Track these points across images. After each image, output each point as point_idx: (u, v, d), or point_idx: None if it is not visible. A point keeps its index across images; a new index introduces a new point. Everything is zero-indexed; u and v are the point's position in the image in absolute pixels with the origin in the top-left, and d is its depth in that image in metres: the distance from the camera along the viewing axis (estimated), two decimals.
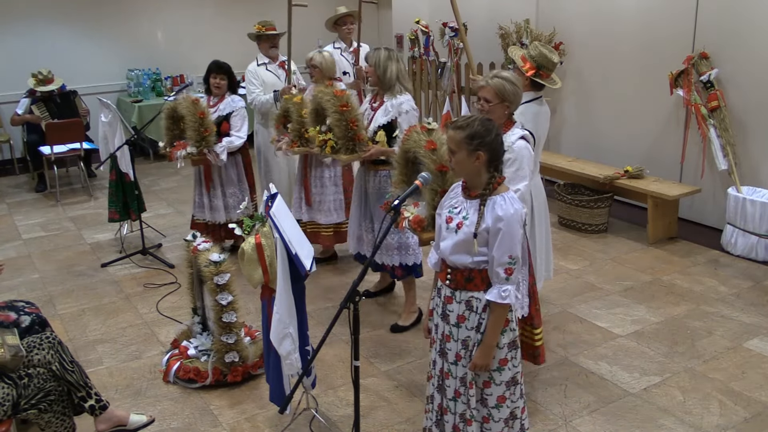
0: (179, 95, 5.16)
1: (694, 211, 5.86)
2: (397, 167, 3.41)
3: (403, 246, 4.05)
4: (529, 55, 3.67)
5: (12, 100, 7.81)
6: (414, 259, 4.08)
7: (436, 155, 3.07)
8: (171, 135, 5.13)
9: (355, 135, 3.95)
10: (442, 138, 3.10)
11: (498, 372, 2.60)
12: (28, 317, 3.22)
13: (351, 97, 4.06)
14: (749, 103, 5.30)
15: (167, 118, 5.09)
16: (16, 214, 6.72)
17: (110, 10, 8.68)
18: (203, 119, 4.88)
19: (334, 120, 3.99)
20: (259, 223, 3.14)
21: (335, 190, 4.92)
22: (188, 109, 4.88)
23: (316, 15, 10.14)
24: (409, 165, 3.35)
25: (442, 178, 3.03)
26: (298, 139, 4.67)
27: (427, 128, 3.22)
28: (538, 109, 3.70)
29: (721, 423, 3.27)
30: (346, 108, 3.95)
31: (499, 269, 2.46)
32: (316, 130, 4.29)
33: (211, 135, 4.94)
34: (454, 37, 7.30)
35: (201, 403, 3.53)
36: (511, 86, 3.07)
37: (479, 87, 3.12)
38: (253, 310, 4.47)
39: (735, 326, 4.17)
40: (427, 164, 3.08)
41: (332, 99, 4.00)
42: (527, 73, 3.63)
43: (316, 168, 4.89)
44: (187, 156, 4.98)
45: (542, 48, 3.66)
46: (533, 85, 3.68)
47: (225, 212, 5.28)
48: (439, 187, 3.02)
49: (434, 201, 3.02)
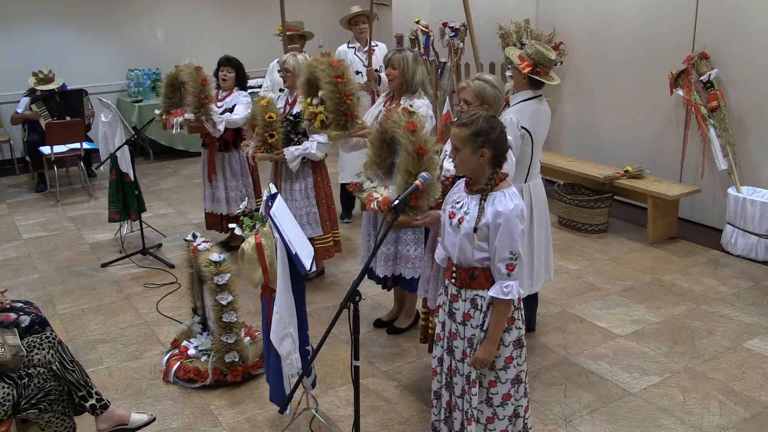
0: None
1: (694, 211, 5.86)
2: (371, 148, 3.30)
3: (401, 257, 3.87)
4: (526, 54, 3.67)
5: (12, 100, 7.80)
6: (412, 273, 3.84)
7: (416, 137, 2.97)
8: (168, 102, 5.17)
9: (348, 110, 3.72)
10: (423, 121, 3.05)
11: (504, 370, 2.61)
12: (27, 317, 3.22)
13: (348, 70, 3.82)
14: (749, 103, 5.30)
15: (167, 86, 5.13)
16: (16, 214, 6.72)
17: (110, 10, 8.68)
18: (204, 86, 4.90)
19: (327, 92, 3.75)
20: (259, 223, 3.14)
21: (307, 203, 4.61)
22: (191, 75, 4.91)
23: (318, 15, 10.17)
24: (384, 147, 3.25)
25: (419, 160, 2.95)
26: (262, 144, 4.42)
27: (408, 110, 3.13)
28: (536, 107, 3.69)
29: (721, 423, 3.28)
30: (342, 80, 3.71)
31: (500, 265, 2.47)
32: (307, 102, 4.00)
33: (211, 102, 4.95)
34: (454, 37, 7.30)
35: (201, 403, 3.53)
36: (492, 89, 3.05)
37: (461, 88, 3.12)
38: (253, 310, 4.47)
39: (735, 326, 4.17)
40: (405, 145, 2.99)
41: (327, 69, 3.74)
42: (524, 70, 3.62)
43: (285, 181, 4.61)
44: (185, 122, 4.99)
45: (538, 46, 3.66)
46: (531, 83, 3.67)
47: (226, 204, 5.31)
48: (414, 169, 2.93)
49: (407, 183, 2.94)
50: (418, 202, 2.95)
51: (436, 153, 3.07)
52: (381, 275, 3.93)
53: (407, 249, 3.83)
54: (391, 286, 4.02)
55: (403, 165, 2.97)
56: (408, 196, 2.70)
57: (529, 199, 3.77)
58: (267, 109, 4.38)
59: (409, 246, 3.82)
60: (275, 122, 4.38)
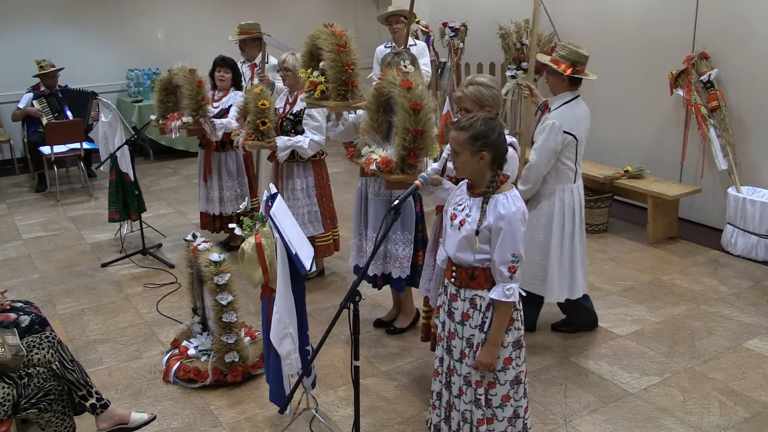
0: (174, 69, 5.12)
1: (694, 211, 5.85)
2: (367, 113, 3.29)
3: (390, 256, 3.85)
4: (560, 56, 3.70)
5: (13, 99, 7.81)
6: (399, 272, 3.82)
7: (411, 94, 2.96)
8: (164, 107, 5.17)
9: (348, 79, 3.65)
10: (418, 78, 3.04)
11: (503, 372, 2.60)
12: (27, 317, 3.22)
13: (351, 40, 3.73)
14: (749, 103, 5.30)
15: (160, 90, 5.12)
16: (16, 214, 6.72)
17: (110, 10, 8.68)
18: (200, 88, 4.90)
19: (329, 61, 3.68)
20: (259, 223, 3.14)
21: (308, 201, 4.64)
22: (185, 78, 4.91)
23: (320, 15, 10.15)
24: (380, 111, 3.24)
25: (415, 116, 2.94)
26: (253, 132, 4.43)
27: (403, 70, 3.12)
28: (577, 108, 3.73)
29: (721, 423, 3.27)
30: (344, 49, 3.63)
31: (503, 267, 2.47)
32: (307, 73, 3.90)
33: (207, 104, 4.96)
34: (454, 37, 7.30)
35: (201, 403, 3.53)
36: (487, 90, 3.02)
37: (457, 98, 3.09)
38: (253, 310, 4.47)
39: (735, 326, 4.17)
40: (401, 103, 2.98)
41: (330, 38, 3.68)
42: (565, 72, 3.65)
43: (287, 179, 4.64)
44: (183, 126, 5.00)
45: (570, 45, 3.70)
46: (571, 83, 3.71)
47: (219, 205, 5.32)
48: (411, 126, 2.93)
49: (405, 141, 2.94)
50: (416, 159, 2.95)
51: (433, 111, 3.07)
52: (371, 273, 3.93)
53: (396, 248, 3.82)
54: (382, 284, 4.02)
55: (401, 123, 2.97)
56: (407, 196, 2.69)
57: (578, 199, 3.84)
58: (260, 97, 4.38)
59: (398, 245, 3.81)
60: (267, 110, 4.39)
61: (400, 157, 3.04)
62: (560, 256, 3.82)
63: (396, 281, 3.90)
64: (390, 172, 3.05)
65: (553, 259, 3.80)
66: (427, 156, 3.05)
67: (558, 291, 3.86)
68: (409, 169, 2.99)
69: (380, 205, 3.84)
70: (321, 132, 4.47)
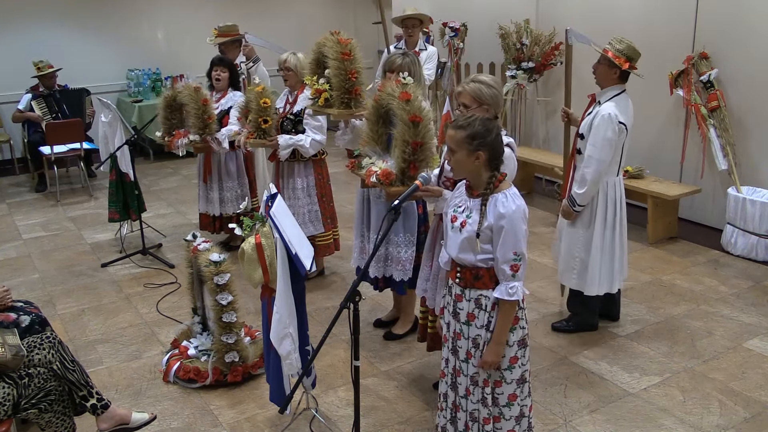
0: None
1: (694, 211, 5.86)
2: (367, 124, 3.30)
3: (391, 259, 3.83)
4: (617, 50, 3.76)
5: (12, 99, 7.81)
6: (401, 275, 3.79)
7: (410, 106, 2.97)
8: (169, 124, 5.16)
9: (352, 87, 3.67)
10: (416, 91, 3.05)
11: (509, 371, 2.61)
12: (28, 317, 3.22)
13: (356, 48, 3.76)
14: (749, 103, 5.30)
15: (165, 108, 5.11)
16: (16, 214, 6.72)
17: (110, 10, 8.68)
18: (206, 106, 4.91)
19: (334, 68, 3.71)
20: (259, 223, 3.14)
21: (309, 200, 4.65)
22: (190, 97, 4.90)
23: (322, 17, 10.16)
24: (380, 122, 3.25)
25: (414, 129, 2.95)
26: (255, 130, 4.44)
27: (401, 82, 3.12)
28: (627, 102, 3.80)
29: (721, 423, 3.28)
30: (348, 57, 3.66)
31: (505, 266, 2.47)
32: (313, 80, 3.95)
33: (213, 122, 4.97)
34: (454, 37, 7.30)
35: (201, 403, 3.53)
36: (488, 89, 3.01)
37: (458, 93, 3.09)
38: (253, 310, 4.47)
39: (735, 326, 4.18)
40: (400, 115, 2.98)
41: (335, 46, 3.70)
42: (623, 66, 3.72)
43: (288, 178, 4.64)
44: (190, 143, 5.00)
45: (627, 41, 3.77)
46: (621, 77, 3.78)
47: (219, 205, 5.32)
48: (411, 138, 2.95)
49: (404, 153, 2.94)
50: (416, 171, 2.96)
51: (432, 122, 3.08)
52: (372, 276, 3.91)
53: (398, 251, 3.80)
54: (383, 287, 4.00)
55: (400, 135, 2.98)
56: (407, 196, 2.69)
57: (620, 192, 3.89)
58: (261, 95, 4.39)
59: (399, 248, 3.79)
60: (269, 108, 4.40)
61: (400, 170, 3.05)
62: (602, 250, 3.87)
63: (398, 284, 3.88)
64: (390, 184, 3.07)
65: (595, 253, 3.86)
66: (427, 168, 3.04)
67: (598, 285, 3.93)
68: (409, 180, 2.98)
69: (383, 208, 3.84)
70: (322, 131, 4.48)
